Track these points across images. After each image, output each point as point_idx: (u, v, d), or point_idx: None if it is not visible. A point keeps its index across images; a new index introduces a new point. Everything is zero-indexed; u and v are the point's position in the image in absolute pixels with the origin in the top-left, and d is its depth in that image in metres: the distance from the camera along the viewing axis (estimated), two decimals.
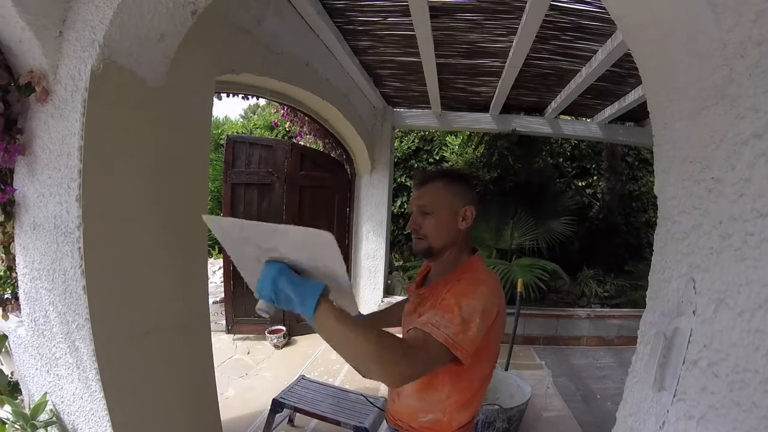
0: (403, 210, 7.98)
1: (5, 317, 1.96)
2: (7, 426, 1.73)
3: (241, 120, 12.77)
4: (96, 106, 1.60)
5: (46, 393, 1.84)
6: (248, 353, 5.01)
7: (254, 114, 13.34)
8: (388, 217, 6.30)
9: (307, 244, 1.22)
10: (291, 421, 3.43)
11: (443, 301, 1.37)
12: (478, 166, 7.15)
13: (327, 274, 1.28)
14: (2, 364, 2.13)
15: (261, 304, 1.25)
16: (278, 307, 1.25)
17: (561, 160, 8.07)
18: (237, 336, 5.42)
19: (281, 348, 5.19)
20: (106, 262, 1.69)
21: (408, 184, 8.08)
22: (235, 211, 5.29)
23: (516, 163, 6.93)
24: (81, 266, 1.58)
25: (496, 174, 7.04)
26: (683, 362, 1.03)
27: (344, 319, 1.20)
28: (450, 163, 7.67)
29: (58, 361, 1.77)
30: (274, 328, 5.32)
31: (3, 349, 2.04)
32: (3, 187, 1.77)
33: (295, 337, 5.49)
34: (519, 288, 4.08)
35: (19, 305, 1.89)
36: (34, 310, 1.79)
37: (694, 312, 1.03)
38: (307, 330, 5.51)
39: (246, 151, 5.30)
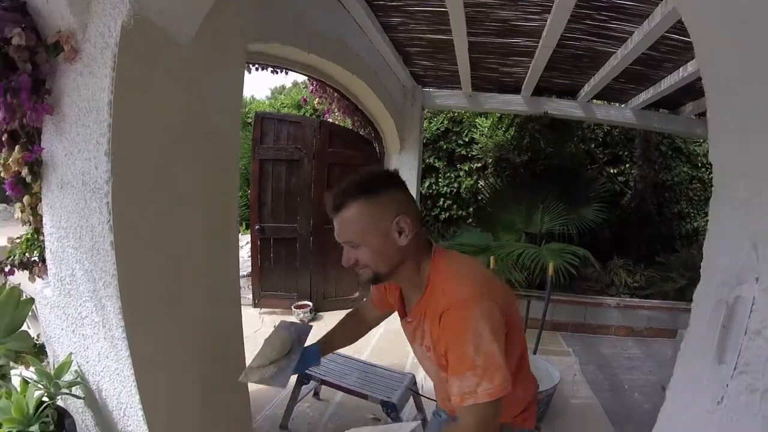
0: (431, 191, 7.92)
1: (32, 280, 1.95)
2: (30, 385, 1.71)
3: (268, 100, 12.78)
4: (126, 62, 1.56)
5: (71, 353, 1.82)
6: (275, 327, 4.99)
7: (281, 94, 13.34)
8: (417, 197, 6.21)
9: None
10: (317, 393, 3.42)
11: (453, 363, 1.27)
12: (509, 149, 7.03)
13: None
14: (29, 328, 2.13)
15: None
16: None
17: (593, 146, 7.85)
18: (263, 310, 5.43)
19: (307, 323, 5.12)
20: (135, 218, 1.66)
21: (437, 165, 8.00)
22: (263, 186, 5.31)
23: (547, 147, 6.77)
24: (109, 222, 1.55)
25: (527, 157, 6.91)
26: (745, 332, 0.96)
27: None
28: (480, 146, 7.54)
29: (84, 321, 1.75)
30: (300, 303, 5.31)
31: (30, 313, 2.04)
32: (30, 147, 1.75)
33: (321, 313, 5.47)
34: (550, 272, 3.99)
35: (46, 268, 1.88)
36: (60, 270, 1.77)
37: (756, 279, 0.95)
38: (334, 306, 5.53)
39: (274, 127, 5.28)
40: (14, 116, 1.67)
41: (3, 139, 1.75)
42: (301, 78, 8.11)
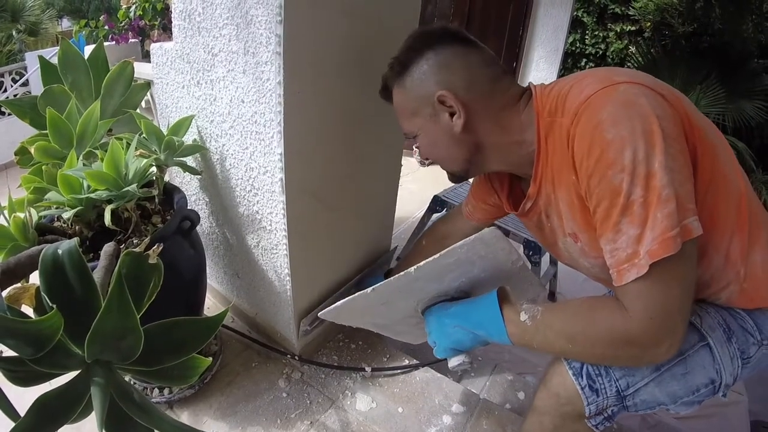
0: (574, 49, 7.12)
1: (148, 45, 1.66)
2: (131, 145, 1.35)
3: None
4: None
5: (193, 116, 1.53)
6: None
7: None
8: (564, 45, 5.49)
9: (468, 258, 1.00)
10: None
11: (600, 216, 0.79)
12: (673, 15, 6.06)
13: (496, 275, 1.08)
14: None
15: (452, 362, 1.06)
16: (470, 351, 1.05)
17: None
18: None
19: (426, 165, 4.90)
20: None
21: (585, 20, 7.01)
22: None
23: (717, 21, 5.76)
24: None
25: (692, 28, 5.94)
26: None
27: (542, 317, 0.90)
28: (639, 5, 6.46)
29: (214, 60, 1.33)
30: None
31: (146, 97, 1.75)
32: None
33: None
34: None
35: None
36: (189, 3, 1.35)
37: None
38: None
39: None
40: None
41: None
42: None
